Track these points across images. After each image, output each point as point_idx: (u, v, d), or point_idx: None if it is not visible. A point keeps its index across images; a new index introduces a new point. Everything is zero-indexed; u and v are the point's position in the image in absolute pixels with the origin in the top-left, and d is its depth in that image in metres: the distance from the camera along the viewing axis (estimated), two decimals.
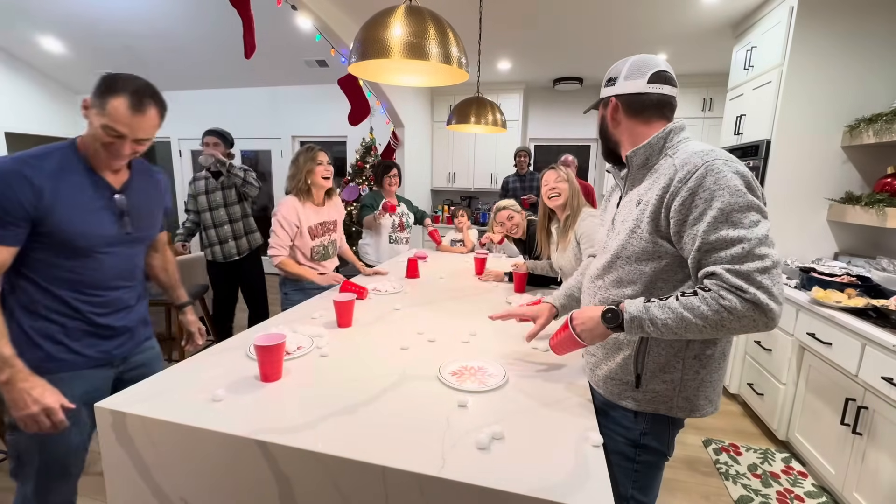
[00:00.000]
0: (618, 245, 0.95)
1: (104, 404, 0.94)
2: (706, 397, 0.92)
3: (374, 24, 1.16)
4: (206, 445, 0.88)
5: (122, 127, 1.05)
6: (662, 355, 0.91)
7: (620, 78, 0.96)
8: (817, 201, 2.44)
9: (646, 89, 0.93)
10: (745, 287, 0.75)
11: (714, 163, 0.81)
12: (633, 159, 0.96)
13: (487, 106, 2.41)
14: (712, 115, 4.33)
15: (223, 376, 1.10)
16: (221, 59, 4.71)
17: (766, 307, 0.74)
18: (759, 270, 0.75)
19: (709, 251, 0.79)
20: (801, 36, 2.32)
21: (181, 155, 6.02)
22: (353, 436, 0.86)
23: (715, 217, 0.78)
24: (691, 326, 0.79)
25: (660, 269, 0.89)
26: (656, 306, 0.83)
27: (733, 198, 0.78)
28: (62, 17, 4.11)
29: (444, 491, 0.76)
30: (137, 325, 1.27)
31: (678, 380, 0.91)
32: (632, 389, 0.94)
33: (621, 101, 0.96)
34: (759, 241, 0.76)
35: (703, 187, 0.80)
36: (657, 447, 0.96)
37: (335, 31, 3.08)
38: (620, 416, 0.97)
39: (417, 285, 2.13)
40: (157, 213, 1.33)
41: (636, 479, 0.96)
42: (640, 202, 0.91)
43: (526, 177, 4.07)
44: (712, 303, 0.77)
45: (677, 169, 0.84)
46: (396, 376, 1.12)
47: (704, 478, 2.00)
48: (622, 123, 0.97)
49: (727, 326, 0.77)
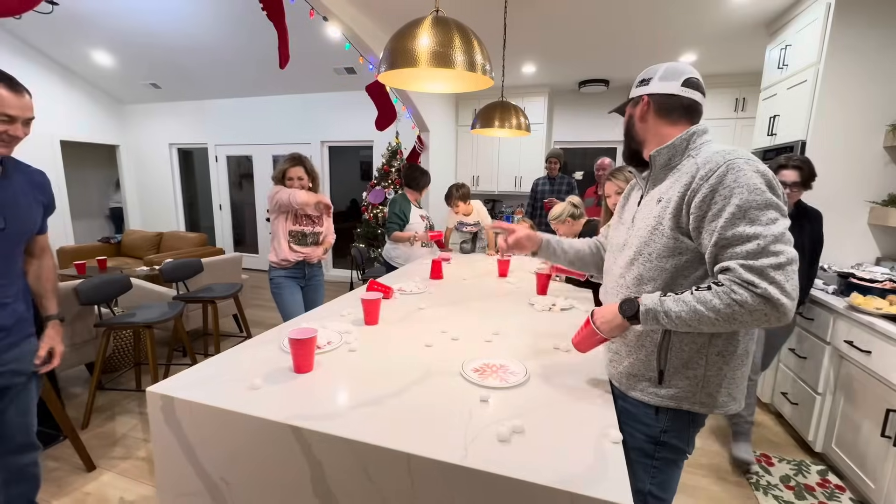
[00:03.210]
0: (639, 242, 0.97)
1: (155, 389, 1.03)
2: (729, 394, 0.93)
3: (403, 35, 1.22)
4: (245, 429, 0.95)
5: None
6: (685, 351, 0.92)
7: (655, 79, 0.98)
8: (857, 204, 2.34)
9: (679, 91, 0.96)
10: (758, 282, 0.77)
11: (735, 161, 0.83)
12: (656, 159, 0.98)
13: (511, 110, 2.44)
14: (745, 116, 4.20)
15: (260, 367, 1.17)
16: (256, 69, 4.93)
17: (778, 302, 0.76)
18: (773, 266, 0.77)
19: (725, 246, 0.82)
20: (839, 33, 2.24)
21: (217, 160, 6.31)
22: (381, 425, 0.91)
23: (733, 213, 0.80)
24: (704, 319, 0.82)
25: (680, 266, 0.91)
26: (671, 299, 0.86)
27: (752, 195, 0.80)
28: (113, 32, 4.41)
29: (465, 478, 0.79)
30: (14, 323, 1.23)
31: (701, 376, 0.92)
32: (654, 385, 0.96)
33: (654, 100, 0.98)
34: (775, 238, 0.78)
35: (723, 184, 0.82)
36: (677, 444, 0.96)
37: (363, 39, 3.19)
38: (642, 413, 0.98)
39: (441, 286, 2.18)
40: (35, 212, 1.28)
41: (654, 476, 0.97)
42: (662, 200, 0.93)
43: (556, 180, 4.12)
44: (724, 297, 0.79)
45: (699, 167, 0.87)
46: (421, 372, 1.17)
47: (735, 488, 1.95)
48: (649, 122, 1.00)
49: (739, 320, 0.79)
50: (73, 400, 2.59)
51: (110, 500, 1.80)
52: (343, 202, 5.98)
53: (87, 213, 6.65)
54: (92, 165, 6.73)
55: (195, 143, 6.36)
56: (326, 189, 5.84)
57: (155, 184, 6.68)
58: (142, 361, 2.86)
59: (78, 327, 2.50)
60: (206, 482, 1.01)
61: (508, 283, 2.25)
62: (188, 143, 6.44)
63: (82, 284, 2.36)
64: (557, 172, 4.13)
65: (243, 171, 6.36)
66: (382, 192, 4.76)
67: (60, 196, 5.66)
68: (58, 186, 5.60)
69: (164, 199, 6.68)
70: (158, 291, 3.12)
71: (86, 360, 2.59)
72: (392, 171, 4.77)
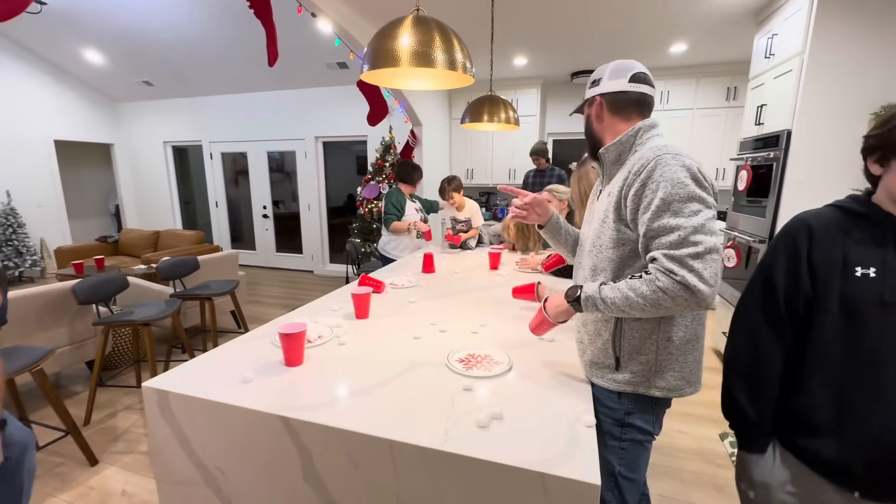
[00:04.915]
0: (594, 234, 1.04)
1: (151, 384, 1.07)
2: (683, 378, 0.98)
3: (383, 35, 1.24)
4: (238, 420, 0.99)
5: None
6: (636, 338, 0.97)
7: (604, 78, 1.03)
8: (842, 191, 2.35)
9: (627, 87, 1.00)
10: (677, 270, 0.82)
11: (664, 157, 0.88)
12: (605, 156, 1.04)
13: (500, 104, 2.46)
14: (736, 105, 4.20)
15: (252, 361, 1.21)
16: (248, 65, 4.92)
17: (695, 288, 0.81)
18: (692, 256, 0.82)
19: (653, 237, 0.88)
20: (823, 22, 2.26)
21: (212, 157, 6.31)
22: (366, 413, 0.96)
23: (658, 206, 0.86)
24: (635, 305, 0.88)
25: (625, 256, 0.97)
26: (609, 287, 0.93)
27: (675, 189, 0.85)
28: (103, 30, 4.40)
29: (445, 462, 0.84)
30: None
31: (653, 361, 0.97)
32: (612, 371, 1.01)
33: (605, 99, 1.03)
34: (695, 229, 0.83)
35: (651, 179, 0.88)
36: (642, 426, 1.01)
37: (353, 34, 3.19)
38: (606, 397, 1.04)
39: (433, 279, 2.21)
40: None
41: (622, 457, 1.02)
42: (610, 194, 0.99)
43: (546, 172, 4.16)
44: (650, 284, 0.85)
45: (634, 163, 0.93)
46: (408, 363, 1.21)
47: (720, 470, 2.00)
48: (605, 121, 1.04)
49: (664, 305, 0.85)
50: (74, 397, 2.64)
51: (113, 493, 1.85)
52: (339, 197, 6.00)
53: (84, 212, 6.66)
54: (87, 165, 6.73)
55: (189, 140, 6.36)
56: (321, 185, 5.86)
57: (150, 182, 6.69)
58: (141, 358, 2.91)
59: (77, 326, 2.54)
60: (201, 471, 1.06)
61: (499, 276, 2.29)
62: (182, 141, 6.44)
63: (80, 284, 2.39)
64: (546, 165, 4.18)
65: (238, 168, 6.37)
66: (377, 186, 4.78)
67: (56, 196, 5.67)
68: (53, 186, 5.62)
69: (161, 198, 6.69)
70: (156, 289, 3.15)
71: (85, 359, 2.64)
72: (386, 165, 4.79)
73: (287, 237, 6.26)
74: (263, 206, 6.23)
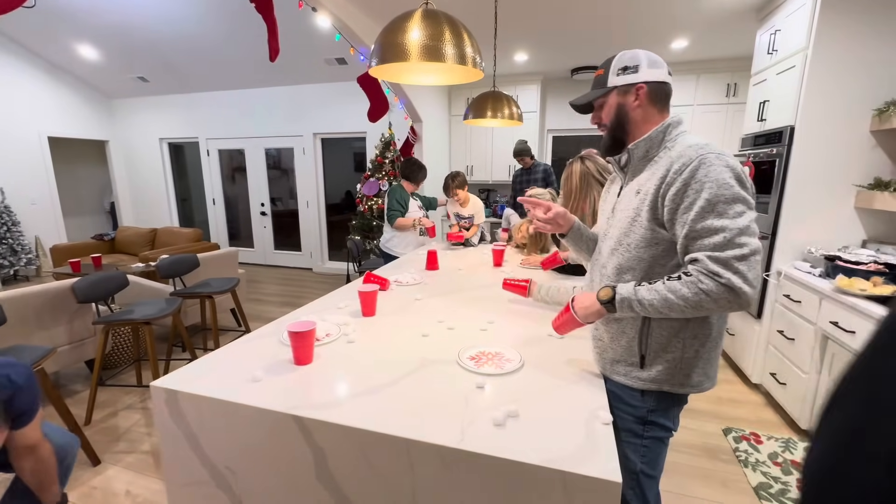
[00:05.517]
0: (619, 233, 1.01)
1: (159, 383, 1.05)
2: (705, 374, 0.98)
3: (393, 29, 1.23)
4: (249, 419, 0.98)
5: None
6: (664, 336, 0.96)
7: (643, 66, 0.98)
8: (844, 188, 2.38)
9: (668, 79, 0.99)
10: (722, 272, 0.82)
11: (707, 156, 0.86)
12: (634, 151, 1.01)
13: (503, 100, 2.44)
14: (737, 101, 4.21)
15: (260, 360, 1.20)
16: (245, 61, 4.87)
17: (740, 291, 0.81)
18: (737, 258, 0.82)
19: (695, 238, 0.86)
20: (827, 18, 2.26)
21: (209, 154, 6.26)
22: (380, 412, 0.94)
23: (702, 207, 0.84)
24: (674, 306, 0.87)
25: (657, 255, 0.95)
26: (645, 288, 0.92)
27: (721, 189, 0.84)
28: (97, 25, 4.33)
29: (463, 461, 0.83)
30: None
31: (679, 358, 0.96)
32: (637, 369, 1.00)
33: (650, 87, 0.98)
34: (741, 231, 0.83)
35: (695, 179, 0.86)
36: (664, 423, 1.01)
37: (353, 29, 3.16)
38: (628, 395, 1.03)
39: (437, 277, 2.20)
40: None
41: (644, 455, 1.02)
42: (640, 192, 0.97)
43: (532, 169, 4.15)
44: (692, 286, 0.84)
45: (673, 161, 0.90)
46: (418, 361, 1.20)
47: (724, 465, 2.01)
48: (645, 110, 0.99)
49: (705, 307, 0.85)
50: (74, 396, 2.62)
51: (117, 493, 1.83)
52: (337, 194, 5.97)
53: (79, 210, 6.59)
54: (82, 162, 6.65)
55: (186, 137, 6.30)
56: (320, 182, 5.82)
57: (146, 179, 6.62)
58: (142, 357, 2.88)
59: (76, 325, 2.51)
60: (211, 471, 1.04)
61: (503, 273, 2.28)
62: (179, 138, 6.37)
63: (79, 282, 2.36)
64: (531, 163, 4.16)
65: (236, 165, 6.32)
66: (377, 183, 4.76)
67: (51, 194, 5.60)
68: (48, 184, 5.55)
69: (157, 195, 6.63)
70: (155, 288, 3.12)
71: (85, 358, 2.61)
72: (385, 162, 4.76)
73: (285, 234, 6.22)
74: (261, 203, 6.19)
